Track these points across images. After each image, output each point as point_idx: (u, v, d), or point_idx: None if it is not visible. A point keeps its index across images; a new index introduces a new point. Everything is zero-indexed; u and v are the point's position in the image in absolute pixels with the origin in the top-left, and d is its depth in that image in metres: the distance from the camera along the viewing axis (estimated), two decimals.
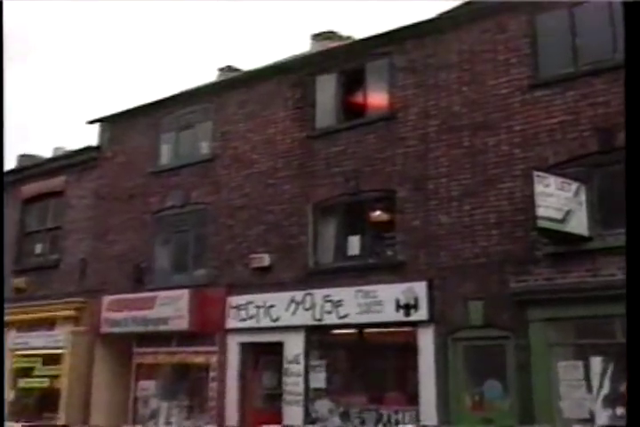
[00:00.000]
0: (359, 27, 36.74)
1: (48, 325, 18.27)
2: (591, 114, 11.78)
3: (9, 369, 18.41)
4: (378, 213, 14.20)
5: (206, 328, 15.42)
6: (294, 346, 14.16)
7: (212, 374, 15.29)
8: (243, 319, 15.01)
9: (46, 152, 23.41)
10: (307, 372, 13.94)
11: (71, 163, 19.64)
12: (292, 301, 14.28)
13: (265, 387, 14.80)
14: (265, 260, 15.06)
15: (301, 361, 14.02)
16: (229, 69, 20.95)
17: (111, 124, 19.20)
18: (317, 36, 19.94)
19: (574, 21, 12.36)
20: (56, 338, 18.00)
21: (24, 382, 18.49)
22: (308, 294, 14.10)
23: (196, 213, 16.72)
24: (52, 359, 17.98)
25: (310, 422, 13.58)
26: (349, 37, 18.99)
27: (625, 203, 5.79)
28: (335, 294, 13.71)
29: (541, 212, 11.02)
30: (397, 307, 12.87)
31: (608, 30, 11.74)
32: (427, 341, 12.60)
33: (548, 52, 12.59)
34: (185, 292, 15.69)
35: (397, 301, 12.88)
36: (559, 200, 11.18)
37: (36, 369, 18.34)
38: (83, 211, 18.96)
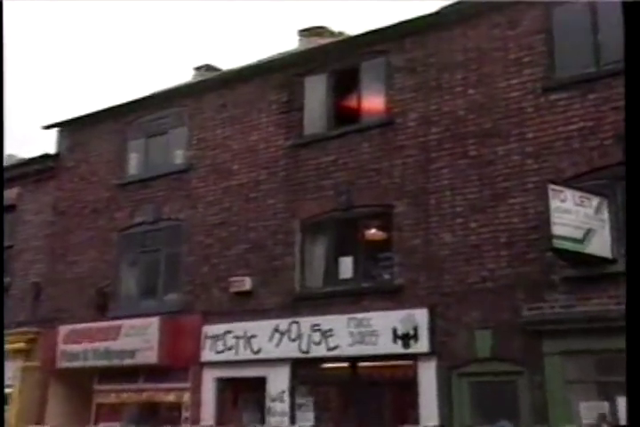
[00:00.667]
0: (352, 22, 36.96)
1: None
2: (614, 120, 11.78)
3: None
4: (373, 231, 14.22)
5: (178, 362, 15.33)
6: (278, 381, 14.09)
7: (185, 414, 15.19)
8: (220, 351, 14.93)
9: None
10: (292, 411, 13.87)
11: (25, 173, 19.57)
12: (276, 330, 14.24)
13: None
14: (246, 283, 15.02)
15: (286, 399, 13.95)
16: (207, 69, 21.06)
17: (72, 130, 19.17)
18: (305, 32, 20.04)
19: (596, 15, 12.42)
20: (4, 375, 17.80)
21: None
22: (294, 322, 14.06)
23: (169, 231, 16.70)
24: None
25: None
26: (341, 33, 19.12)
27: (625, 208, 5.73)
28: (325, 322, 13.67)
29: (557, 230, 11.01)
30: (395, 337, 12.84)
31: None
32: (428, 376, 12.55)
33: (565, 50, 12.63)
34: (154, 320, 15.61)
35: (395, 330, 12.86)
36: (578, 217, 11.18)
37: None
38: (38, 227, 18.87)
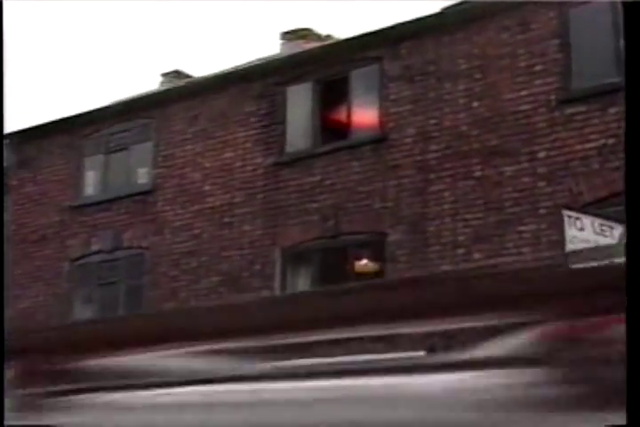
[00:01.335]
0: (342, 23, 37.10)
1: None
2: None
3: None
4: (364, 262, 14.23)
5: None
6: None
7: None
8: None
9: None
10: None
11: None
12: None
13: None
14: None
15: None
16: (176, 75, 21.11)
17: (18, 144, 18.96)
18: (289, 35, 20.11)
19: (617, 18, 12.34)
20: None
21: None
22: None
23: (130, 261, 16.64)
24: None
25: None
26: (329, 37, 19.25)
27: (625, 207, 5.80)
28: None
29: (574, 262, 10.87)
30: None
31: None
32: None
33: (583, 56, 12.67)
34: None
35: None
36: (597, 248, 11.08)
37: None
38: None
